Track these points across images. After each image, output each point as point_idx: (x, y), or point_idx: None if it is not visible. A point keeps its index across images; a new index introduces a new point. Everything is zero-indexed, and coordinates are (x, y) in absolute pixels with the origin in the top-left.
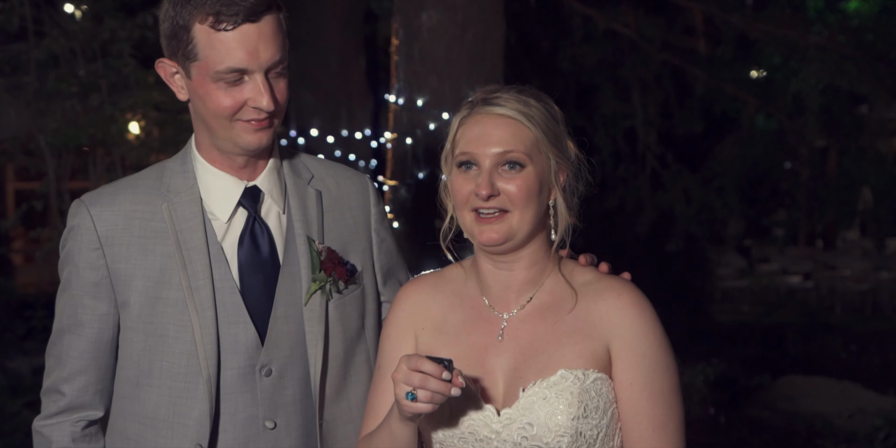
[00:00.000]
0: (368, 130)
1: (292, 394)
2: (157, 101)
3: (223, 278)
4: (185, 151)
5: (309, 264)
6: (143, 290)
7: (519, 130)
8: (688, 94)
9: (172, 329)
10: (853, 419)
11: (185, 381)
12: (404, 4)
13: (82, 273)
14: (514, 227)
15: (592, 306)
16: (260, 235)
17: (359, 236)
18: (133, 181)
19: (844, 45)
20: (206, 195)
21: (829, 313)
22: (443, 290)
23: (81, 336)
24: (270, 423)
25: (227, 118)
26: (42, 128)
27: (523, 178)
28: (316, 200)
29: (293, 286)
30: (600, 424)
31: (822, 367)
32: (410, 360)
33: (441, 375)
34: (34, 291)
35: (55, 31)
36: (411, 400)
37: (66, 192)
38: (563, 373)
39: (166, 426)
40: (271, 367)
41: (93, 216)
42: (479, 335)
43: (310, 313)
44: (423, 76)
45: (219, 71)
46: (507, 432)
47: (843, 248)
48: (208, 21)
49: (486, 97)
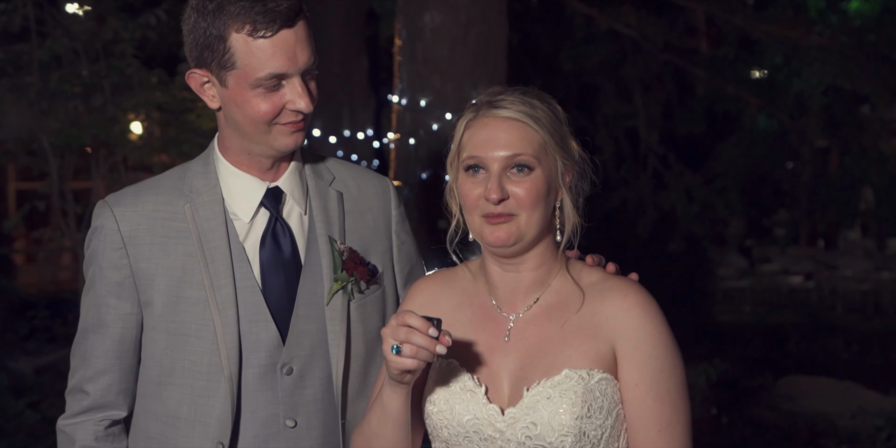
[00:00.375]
0: (370, 131)
1: (313, 393)
2: (160, 102)
3: (245, 277)
4: (207, 153)
5: (331, 264)
6: (166, 290)
7: (526, 133)
8: (690, 95)
9: (194, 328)
10: (855, 419)
11: (207, 379)
12: (407, 5)
13: (106, 273)
14: (522, 228)
15: (598, 307)
16: (282, 235)
17: (379, 238)
18: (156, 182)
19: (846, 45)
20: (229, 196)
21: (830, 313)
22: (454, 287)
23: (105, 335)
24: (291, 422)
25: (265, 123)
26: (45, 128)
27: (532, 181)
28: (337, 201)
29: (315, 286)
30: (604, 425)
31: (823, 368)
32: (399, 315)
33: (427, 331)
34: (36, 291)
35: (58, 32)
36: (396, 353)
37: (68, 193)
38: (567, 372)
39: (188, 425)
40: (292, 365)
41: (116, 216)
42: (486, 335)
43: (331, 313)
44: (426, 77)
45: (259, 78)
46: (511, 431)
47: (844, 248)
48: (245, 29)
49: (491, 100)
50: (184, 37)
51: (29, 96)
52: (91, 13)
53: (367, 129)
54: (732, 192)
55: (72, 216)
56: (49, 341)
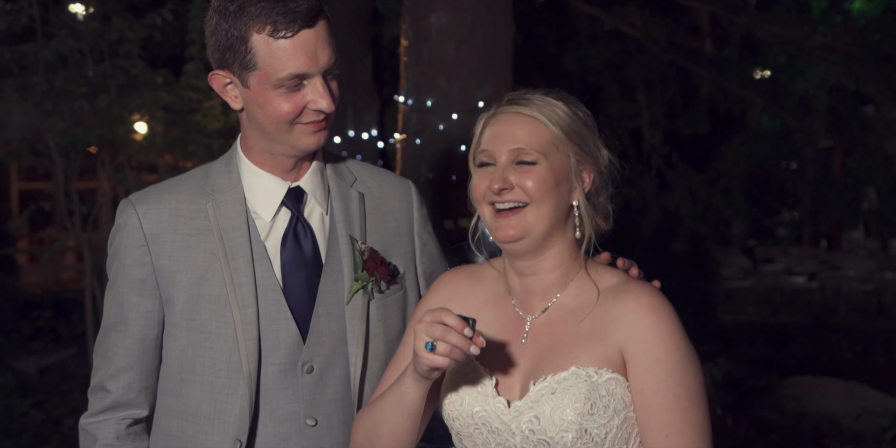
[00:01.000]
0: (375, 131)
1: (333, 392)
2: (165, 102)
3: (265, 276)
4: (230, 153)
5: (351, 264)
6: (187, 287)
7: (536, 128)
8: (693, 95)
9: (215, 325)
10: (860, 420)
11: (227, 377)
12: (414, 6)
13: (128, 270)
14: (530, 222)
15: (609, 308)
16: (303, 235)
17: (401, 239)
18: (178, 181)
19: (850, 45)
20: (250, 195)
21: (834, 313)
22: (480, 284)
23: (127, 333)
24: (311, 421)
25: (287, 123)
26: (50, 128)
27: (537, 173)
28: (358, 202)
29: (335, 285)
30: (609, 424)
31: (828, 368)
32: (434, 312)
33: (463, 330)
34: (40, 291)
35: (63, 32)
36: (430, 350)
37: (73, 193)
38: (574, 369)
39: (208, 422)
40: (313, 364)
41: (139, 214)
42: (505, 335)
43: (351, 312)
44: (432, 77)
45: (280, 78)
46: (516, 424)
47: (847, 249)
48: (266, 30)
49: (511, 98)
50: (206, 39)
51: (34, 96)
52: (96, 13)
53: (371, 130)
54: (736, 192)
55: (77, 216)
56: (53, 341)
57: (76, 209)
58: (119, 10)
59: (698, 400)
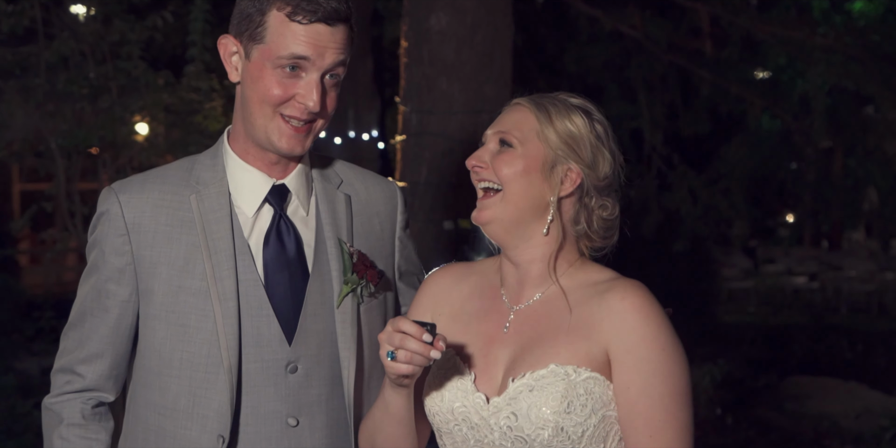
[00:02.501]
0: (375, 132)
1: (318, 393)
2: (167, 103)
3: (247, 271)
4: (216, 145)
5: (339, 267)
6: (167, 279)
7: (524, 117)
8: (694, 95)
9: (194, 318)
10: (860, 419)
11: (206, 371)
12: (414, 7)
13: (108, 258)
14: (499, 207)
15: (595, 307)
16: (286, 234)
17: (384, 242)
18: (163, 171)
19: (850, 45)
20: (235, 189)
21: (834, 314)
22: (468, 280)
23: (103, 320)
24: (293, 421)
25: (271, 106)
26: (52, 129)
27: (509, 154)
28: (345, 204)
29: (323, 287)
30: (586, 423)
31: (828, 368)
32: (394, 321)
33: (421, 336)
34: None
35: (65, 33)
36: (391, 359)
37: (75, 194)
38: (553, 367)
39: (186, 417)
40: (298, 364)
41: (121, 202)
42: (489, 325)
43: (342, 316)
44: (433, 78)
45: (281, 56)
46: (495, 420)
47: (848, 249)
48: (286, 10)
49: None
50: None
51: (36, 98)
52: (98, 15)
53: (371, 131)
54: (737, 192)
55: (78, 217)
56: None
57: (77, 210)
58: (120, 11)
59: (683, 400)
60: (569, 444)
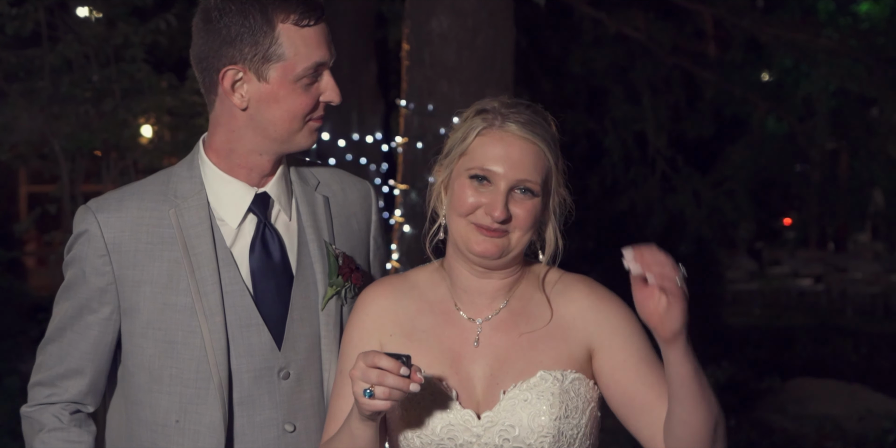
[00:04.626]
0: (379, 134)
1: (310, 397)
2: (170, 106)
3: (233, 282)
4: (191, 156)
5: (324, 269)
6: (151, 297)
7: (539, 158)
8: (698, 98)
9: (181, 335)
10: (863, 422)
11: (196, 387)
12: (415, 10)
13: (88, 278)
14: (511, 245)
15: (563, 309)
16: (271, 241)
17: (362, 243)
18: (139, 187)
19: (855, 48)
20: (215, 200)
21: (839, 316)
22: (409, 294)
23: (83, 336)
24: (290, 426)
25: (301, 118)
26: (56, 132)
27: (533, 204)
28: (324, 206)
29: (307, 290)
30: (579, 424)
31: (832, 370)
32: (367, 356)
33: (399, 371)
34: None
35: (69, 36)
36: (369, 397)
37: (79, 196)
38: (542, 374)
39: (178, 433)
40: (289, 369)
41: (100, 222)
42: (452, 342)
43: (326, 318)
44: (434, 81)
45: (306, 67)
46: (489, 435)
47: (854, 251)
48: (291, 19)
49: (506, 113)
50: (200, 40)
51: (40, 100)
52: (102, 18)
53: (375, 133)
54: (741, 194)
55: None
56: None
57: None
58: (124, 14)
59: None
60: (567, 447)
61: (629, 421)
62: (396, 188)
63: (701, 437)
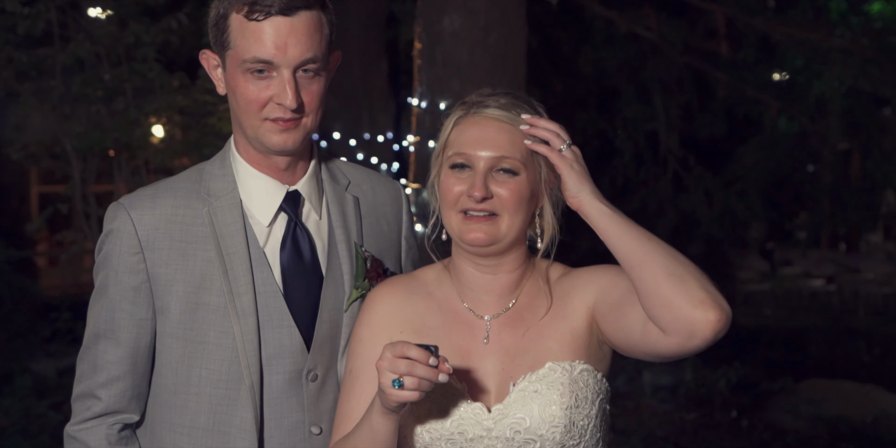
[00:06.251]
0: (390, 133)
1: (333, 398)
2: (181, 105)
3: (265, 283)
4: (223, 153)
5: (351, 270)
6: (184, 296)
7: (515, 137)
8: (710, 97)
9: (213, 335)
10: (876, 423)
11: (227, 388)
12: (427, 9)
13: (121, 277)
14: (502, 230)
15: (566, 297)
16: (302, 240)
17: (392, 244)
18: (172, 184)
19: (867, 47)
20: (247, 199)
21: (852, 317)
22: (418, 292)
23: (119, 342)
24: (317, 429)
25: (254, 114)
26: (67, 131)
27: (516, 183)
28: (354, 207)
29: (336, 292)
30: (590, 414)
31: (845, 371)
32: (395, 347)
33: (428, 361)
34: (58, 294)
35: (81, 36)
36: (398, 387)
37: (91, 196)
38: (551, 365)
39: (206, 435)
40: (317, 371)
41: (133, 220)
42: (461, 338)
43: (349, 320)
44: (446, 80)
45: (245, 60)
46: (499, 428)
47: (866, 251)
48: (243, 10)
49: (482, 100)
50: None
51: (52, 100)
52: (113, 17)
53: (386, 132)
54: (753, 194)
55: (94, 219)
56: (71, 343)
57: (93, 212)
58: (135, 14)
59: None
60: (578, 438)
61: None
62: (408, 187)
63: (663, 280)
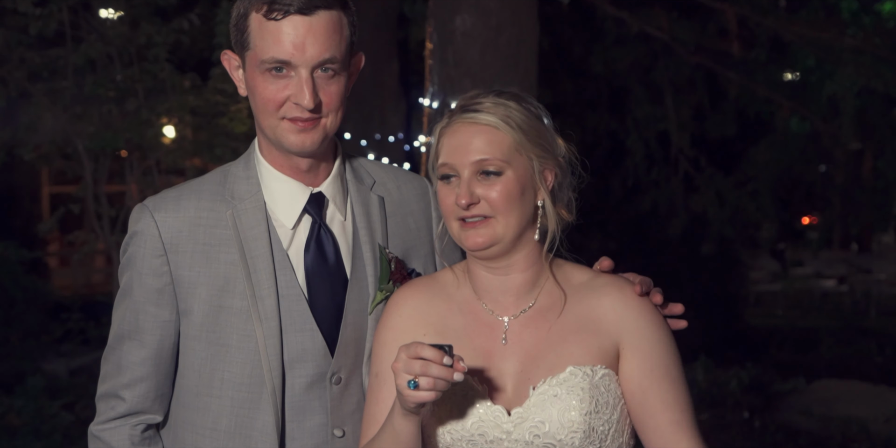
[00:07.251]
0: (401, 134)
1: (357, 401)
2: (193, 106)
3: (289, 286)
4: (248, 155)
5: (375, 273)
6: (207, 299)
7: (495, 137)
8: (721, 97)
9: (235, 339)
10: (889, 423)
11: (249, 391)
12: (438, 9)
13: (145, 280)
14: (498, 231)
15: (595, 302)
16: (326, 243)
17: (421, 241)
18: (196, 186)
19: (879, 47)
20: (271, 201)
21: (863, 317)
22: (439, 294)
23: (143, 343)
24: (339, 432)
25: (272, 114)
26: (79, 132)
27: (503, 183)
28: (379, 207)
29: (360, 294)
30: (611, 420)
31: (856, 371)
32: (409, 348)
33: (442, 361)
34: (70, 294)
35: (92, 37)
36: (413, 388)
37: (102, 196)
38: (571, 369)
39: (227, 437)
40: (341, 374)
41: (157, 222)
42: (482, 340)
43: (373, 322)
44: (457, 80)
45: (263, 60)
46: (519, 431)
47: (878, 252)
48: (263, 9)
49: (464, 105)
50: None
51: (64, 100)
52: (125, 18)
53: (397, 132)
54: (764, 195)
55: (106, 219)
56: (83, 343)
57: (105, 212)
58: (147, 14)
59: (685, 382)
60: (598, 443)
61: (639, 430)
62: None
63: None
